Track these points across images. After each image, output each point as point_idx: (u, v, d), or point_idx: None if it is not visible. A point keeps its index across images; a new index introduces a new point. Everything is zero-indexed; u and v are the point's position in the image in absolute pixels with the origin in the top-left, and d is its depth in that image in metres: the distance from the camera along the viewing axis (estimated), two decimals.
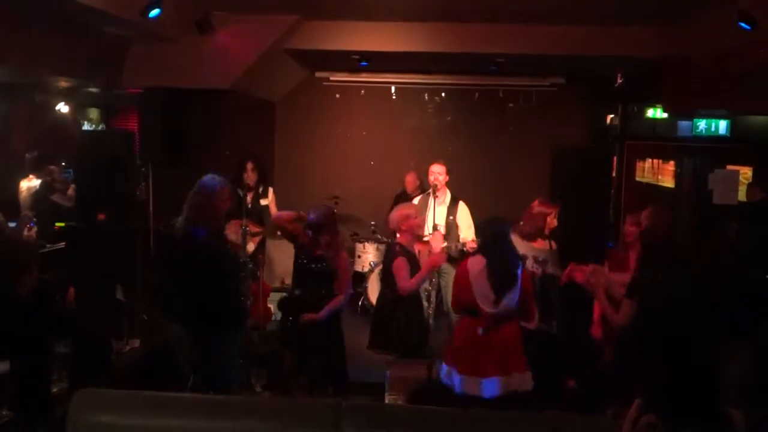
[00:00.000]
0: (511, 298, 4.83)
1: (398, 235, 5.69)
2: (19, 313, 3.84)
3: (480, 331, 4.82)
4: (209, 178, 5.06)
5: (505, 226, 5.11)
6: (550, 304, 5.74)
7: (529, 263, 5.67)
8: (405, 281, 5.37)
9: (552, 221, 5.79)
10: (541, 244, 5.83)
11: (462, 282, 4.93)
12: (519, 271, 4.91)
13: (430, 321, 6.71)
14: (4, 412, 3.46)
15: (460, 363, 4.78)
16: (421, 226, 5.81)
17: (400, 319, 5.48)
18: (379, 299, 5.84)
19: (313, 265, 5.45)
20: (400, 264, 5.41)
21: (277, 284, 8.53)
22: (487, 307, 4.79)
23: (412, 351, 5.42)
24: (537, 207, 5.84)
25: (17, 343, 3.65)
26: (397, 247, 5.52)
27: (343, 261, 5.48)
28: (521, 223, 5.84)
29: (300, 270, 5.51)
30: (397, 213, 5.67)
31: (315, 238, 5.39)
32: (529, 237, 5.79)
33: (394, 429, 2.87)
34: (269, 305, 7.09)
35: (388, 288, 5.64)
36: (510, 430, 2.90)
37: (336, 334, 5.51)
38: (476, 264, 4.90)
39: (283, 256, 9.19)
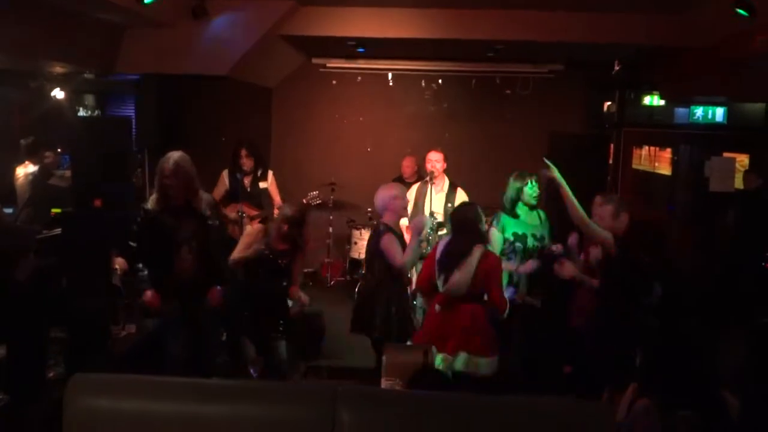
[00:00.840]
0: (458, 280, 4.86)
1: (383, 216, 5.58)
2: (16, 298, 3.85)
3: (437, 308, 4.98)
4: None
5: (469, 210, 5.16)
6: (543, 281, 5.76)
7: (530, 240, 5.71)
8: (398, 258, 5.27)
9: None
10: (532, 219, 5.83)
11: (428, 262, 5.11)
12: (470, 255, 4.89)
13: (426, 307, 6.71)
14: (1, 396, 3.46)
15: (424, 338, 4.91)
16: (406, 207, 5.76)
17: (380, 303, 5.41)
18: (360, 283, 5.85)
19: (280, 260, 5.62)
20: (390, 240, 5.30)
21: None
22: (440, 286, 4.94)
23: (392, 335, 5.34)
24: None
25: (14, 328, 3.66)
26: (382, 227, 5.44)
27: (302, 256, 5.69)
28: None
29: (264, 262, 5.63)
30: (383, 193, 5.55)
31: (289, 233, 5.48)
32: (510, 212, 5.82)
33: (389, 413, 2.87)
34: None
35: (370, 272, 5.59)
36: (505, 415, 2.91)
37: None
38: (440, 246, 5.08)
39: None
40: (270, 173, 7.54)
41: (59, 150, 8.38)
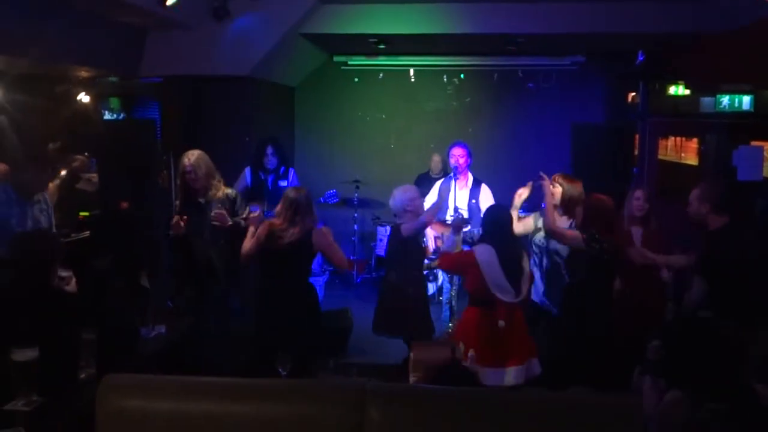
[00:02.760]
0: (526, 287, 4.85)
1: (402, 218, 5.67)
2: (47, 301, 3.91)
3: (501, 323, 4.80)
4: None
5: (505, 213, 5.10)
6: (560, 282, 5.65)
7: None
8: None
9: (521, 194, 5.69)
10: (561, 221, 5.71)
11: (472, 271, 4.87)
12: (523, 259, 4.92)
13: (453, 303, 6.70)
14: (34, 398, 3.51)
15: (482, 356, 4.67)
16: (423, 207, 5.78)
17: (402, 302, 5.46)
18: (382, 283, 5.84)
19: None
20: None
21: None
22: (507, 298, 4.78)
23: (414, 335, 5.30)
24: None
25: (47, 330, 3.71)
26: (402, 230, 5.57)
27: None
28: None
29: None
30: (400, 195, 5.62)
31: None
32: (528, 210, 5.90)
33: (418, 410, 2.87)
34: None
35: (393, 271, 5.64)
36: (534, 408, 2.90)
37: None
38: (485, 253, 4.85)
39: None
40: (291, 172, 7.55)
41: (86, 154, 8.46)
